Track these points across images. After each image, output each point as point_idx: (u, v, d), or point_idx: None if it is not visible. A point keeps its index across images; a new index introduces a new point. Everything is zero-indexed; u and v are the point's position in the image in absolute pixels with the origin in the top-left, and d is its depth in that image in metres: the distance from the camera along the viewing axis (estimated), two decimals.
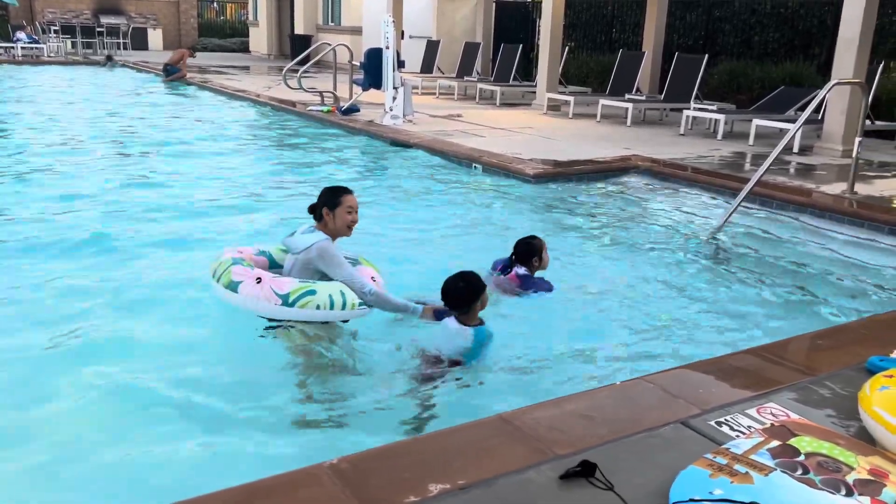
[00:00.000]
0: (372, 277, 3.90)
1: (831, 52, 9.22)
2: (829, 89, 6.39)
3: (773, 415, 2.60)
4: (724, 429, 2.50)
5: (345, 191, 3.92)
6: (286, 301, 3.61)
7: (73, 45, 26.29)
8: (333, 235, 3.87)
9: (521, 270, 4.40)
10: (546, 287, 4.43)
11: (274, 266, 4.10)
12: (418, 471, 2.19)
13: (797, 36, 13.24)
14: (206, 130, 10.69)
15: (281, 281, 3.70)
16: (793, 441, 2.35)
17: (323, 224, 3.86)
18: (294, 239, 3.89)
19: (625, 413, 2.59)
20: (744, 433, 2.46)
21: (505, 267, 4.48)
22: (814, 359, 3.21)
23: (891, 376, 2.55)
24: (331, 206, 3.84)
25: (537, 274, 4.47)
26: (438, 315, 3.69)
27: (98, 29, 27.24)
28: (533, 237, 4.52)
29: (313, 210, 3.91)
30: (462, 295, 3.53)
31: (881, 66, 10.21)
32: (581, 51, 17.45)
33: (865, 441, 2.42)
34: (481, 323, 3.61)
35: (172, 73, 17.38)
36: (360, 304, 3.72)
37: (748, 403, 2.67)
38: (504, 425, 2.48)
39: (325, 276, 3.79)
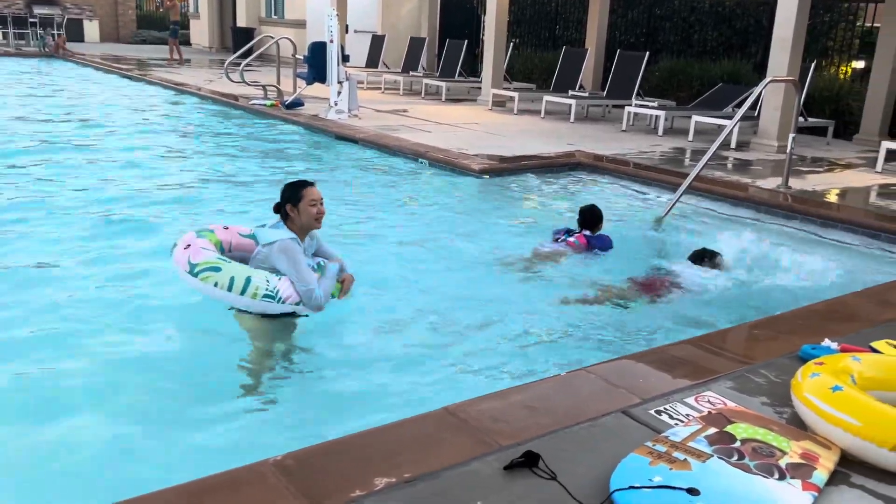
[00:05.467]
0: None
1: (767, 50, 9.49)
2: (764, 86, 6.57)
3: (711, 403, 2.67)
4: (664, 417, 2.56)
5: (305, 184, 3.91)
6: (192, 270, 3.70)
7: (4, 35, 25.37)
8: (303, 231, 3.89)
9: (587, 233, 5.28)
10: (608, 243, 5.25)
11: None
12: (364, 465, 2.19)
13: (735, 35, 13.57)
14: (144, 124, 10.44)
15: (201, 252, 3.76)
16: (729, 428, 2.42)
17: (290, 221, 3.86)
18: (262, 231, 3.92)
19: (568, 403, 2.63)
20: (682, 421, 2.52)
21: (570, 233, 5.31)
22: (750, 348, 3.31)
23: (821, 363, 2.64)
24: (293, 201, 3.83)
25: (597, 234, 5.30)
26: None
27: (31, 20, 26.34)
28: (594, 205, 5.41)
29: (278, 209, 3.90)
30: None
31: (814, 64, 10.54)
32: (526, 47, 17.57)
33: (798, 426, 2.50)
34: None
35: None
36: (266, 297, 3.67)
37: (687, 392, 2.74)
38: (449, 418, 2.49)
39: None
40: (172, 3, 17.49)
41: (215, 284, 3.67)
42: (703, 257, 4.95)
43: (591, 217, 5.36)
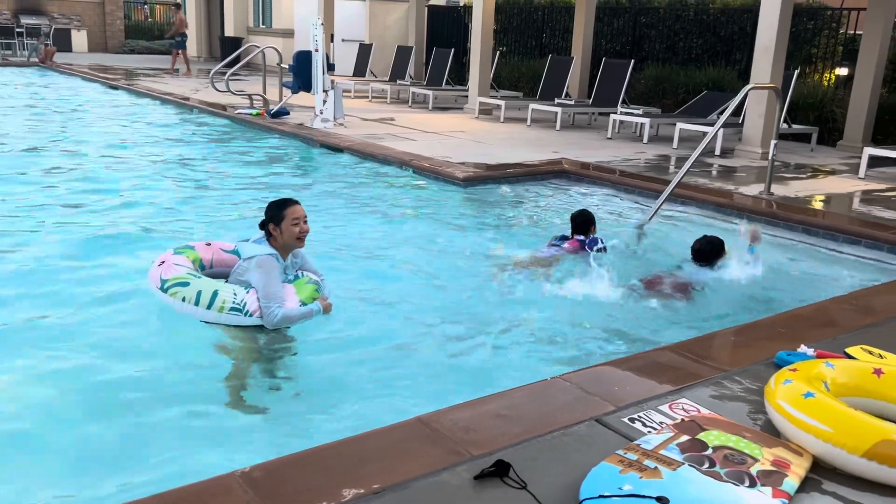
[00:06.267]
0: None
1: (751, 58, 9.53)
2: (745, 93, 6.60)
3: (685, 410, 2.66)
4: (637, 425, 2.55)
5: (289, 202, 3.93)
6: (162, 286, 3.77)
7: None
8: (285, 249, 3.92)
9: (580, 237, 5.37)
10: (601, 245, 5.30)
11: None
12: (332, 476, 2.16)
13: (719, 42, 13.64)
14: (127, 134, 10.40)
15: (173, 268, 3.81)
16: (701, 435, 2.41)
17: (273, 239, 3.88)
18: (244, 245, 3.97)
19: (541, 412, 2.61)
20: (655, 429, 2.51)
21: (564, 237, 5.42)
22: (727, 354, 3.30)
23: (794, 370, 2.64)
24: (276, 220, 3.86)
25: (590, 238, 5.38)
26: None
27: (18, 30, 26.26)
28: (585, 210, 5.52)
29: (263, 226, 3.92)
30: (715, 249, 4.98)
31: (797, 71, 10.61)
32: (513, 55, 17.62)
33: (772, 433, 2.50)
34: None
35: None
36: (232, 310, 3.70)
37: (661, 399, 2.73)
38: (422, 427, 2.48)
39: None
40: (179, 16, 18.08)
41: (183, 299, 3.71)
42: (708, 251, 5.02)
43: (582, 221, 5.43)
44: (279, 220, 3.85)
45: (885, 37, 10.33)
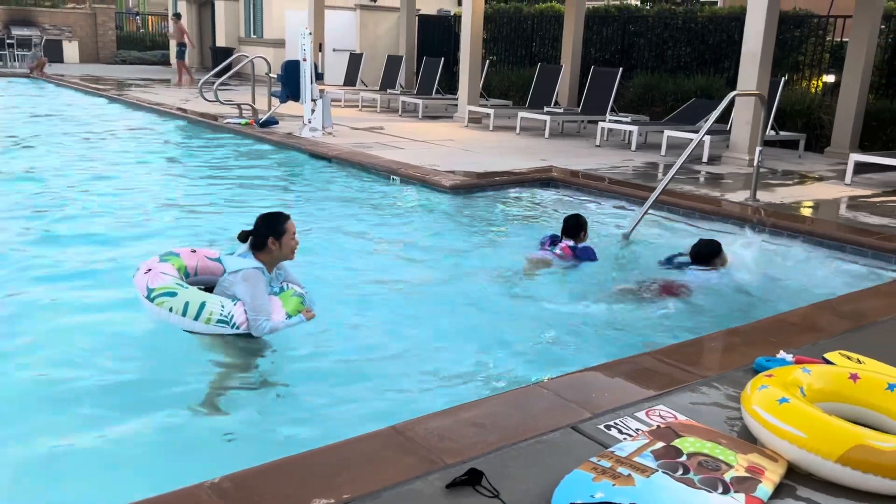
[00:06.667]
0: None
1: (739, 65, 9.56)
2: (729, 100, 6.61)
3: (662, 416, 2.66)
4: (613, 432, 2.54)
5: (286, 217, 3.97)
6: (149, 295, 3.73)
7: None
8: (273, 262, 3.94)
9: (570, 242, 5.32)
10: (591, 254, 5.30)
11: None
12: (302, 486, 2.15)
13: (708, 50, 13.69)
14: (117, 144, 10.38)
15: (160, 276, 3.77)
16: (677, 442, 2.40)
17: (266, 252, 3.88)
18: (229, 258, 3.98)
19: (517, 420, 2.60)
20: (631, 436, 2.50)
21: (554, 240, 5.38)
22: (706, 360, 3.30)
23: (771, 376, 2.64)
24: (276, 235, 3.88)
25: (581, 245, 5.37)
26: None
27: (8, 41, 26.22)
28: (578, 215, 5.48)
29: (245, 238, 3.93)
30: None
31: (784, 79, 10.65)
32: (503, 64, 17.65)
33: (747, 439, 2.49)
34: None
35: None
36: (220, 322, 3.69)
37: (638, 406, 2.73)
38: (396, 436, 2.46)
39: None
40: (179, 25, 18.26)
41: (170, 309, 3.68)
42: (707, 254, 5.10)
43: (574, 226, 5.45)
44: (280, 234, 3.88)
45: (871, 44, 10.39)
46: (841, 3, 12.10)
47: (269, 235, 3.87)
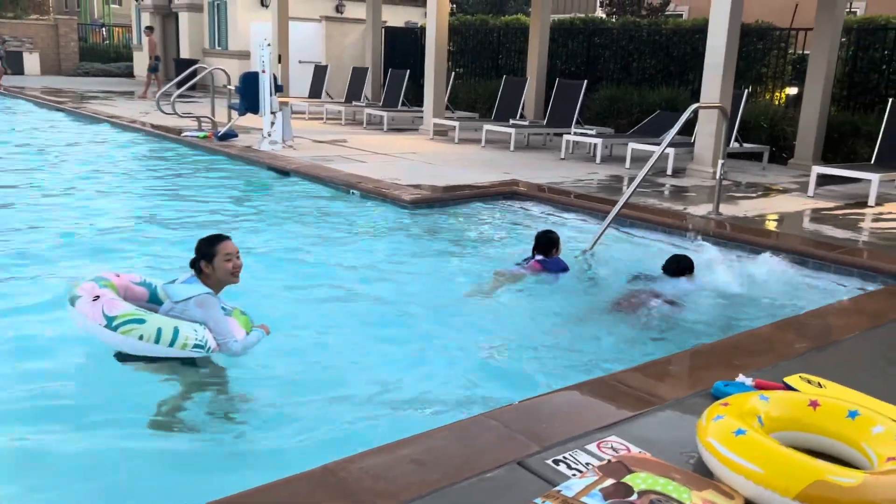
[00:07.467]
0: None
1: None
2: (691, 112, 6.54)
3: (614, 449, 2.50)
4: (562, 467, 2.38)
5: (219, 238, 3.80)
6: (110, 324, 3.45)
7: None
8: (219, 285, 3.79)
9: (540, 257, 5.29)
10: (562, 265, 5.30)
11: (155, 301, 3.92)
12: None
13: (672, 62, 13.71)
14: (66, 158, 10.07)
15: (115, 303, 3.53)
16: (628, 478, 2.25)
17: (205, 276, 3.74)
18: (173, 287, 3.78)
19: (460, 455, 2.43)
20: (581, 471, 2.35)
21: (528, 258, 5.35)
22: (662, 385, 3.15)
23: (727, 404, 2.50)
24: (207, 258, 3.73)
25: (551, 259, 5.30)
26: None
27: None
28: (550, 231, 5.44)
29: (193, 264, 3.77)
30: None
31: (747, 91, 10.66)
32: (469, 76, 17.58)
33: (703, 473, 2.35)
34: None
35: None
36: (196, 347, 3.51)
37: (589, 437, 2.57)
38: (328, 477, 2.28)
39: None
40: (151, 39, 18.19)
41: (140, 337, 3.45)
42: (680, 268, 5.06)
43: (547, 243, 5.34)
44: (211, 256, 3.72)
45: (832, 56, 10.44)
46: (802, 15, 12.18)
47: (201, 259, 3.73)
